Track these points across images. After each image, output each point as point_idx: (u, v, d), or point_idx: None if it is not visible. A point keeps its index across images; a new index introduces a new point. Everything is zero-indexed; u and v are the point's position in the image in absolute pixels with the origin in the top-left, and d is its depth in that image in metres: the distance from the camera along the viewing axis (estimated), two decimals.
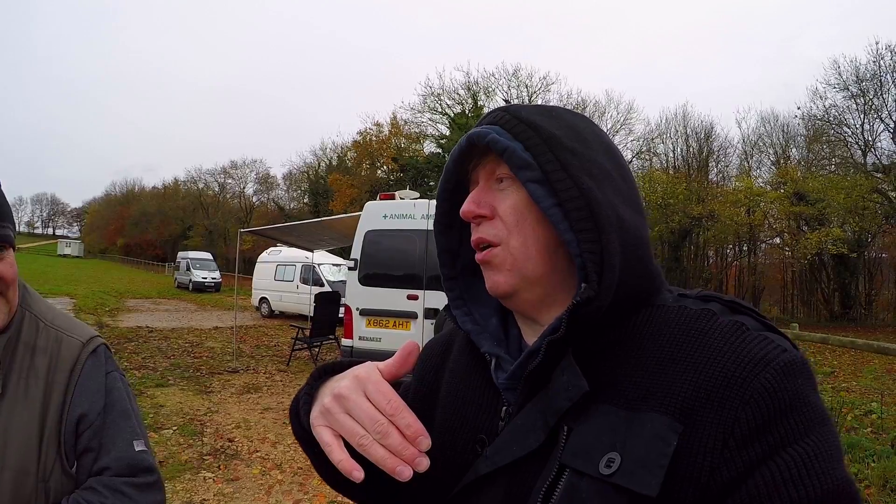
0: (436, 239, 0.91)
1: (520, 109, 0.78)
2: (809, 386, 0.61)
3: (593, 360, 0.69)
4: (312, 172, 49.55)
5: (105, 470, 1.21)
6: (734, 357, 0.61)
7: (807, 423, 0.58)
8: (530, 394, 0.72)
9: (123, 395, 1.32)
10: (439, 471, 0.78)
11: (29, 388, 1.19)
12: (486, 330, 0.85)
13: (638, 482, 0.58)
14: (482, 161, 0.80)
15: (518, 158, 0.73)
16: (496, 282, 0.76)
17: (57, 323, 1.30)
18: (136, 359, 10.48)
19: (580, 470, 0.62)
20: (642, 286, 0.72)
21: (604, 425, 0.64)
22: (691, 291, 0.76)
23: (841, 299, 25.77)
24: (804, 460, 0.56)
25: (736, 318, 0.67)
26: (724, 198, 25.97)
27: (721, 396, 0.59)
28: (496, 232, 0.76)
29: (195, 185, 70.50)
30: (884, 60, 23.42)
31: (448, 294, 0.90)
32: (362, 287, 7.75)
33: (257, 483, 4.99)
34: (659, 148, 32.78)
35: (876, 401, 7.88)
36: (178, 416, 6.90)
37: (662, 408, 0.61)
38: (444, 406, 0.88)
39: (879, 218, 23.54)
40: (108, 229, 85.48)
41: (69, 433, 1.20)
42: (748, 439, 0.57)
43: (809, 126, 27.57)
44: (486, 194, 0.78)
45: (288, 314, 19.38)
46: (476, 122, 0.82)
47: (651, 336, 0.68)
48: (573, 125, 0.77)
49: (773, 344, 0.62)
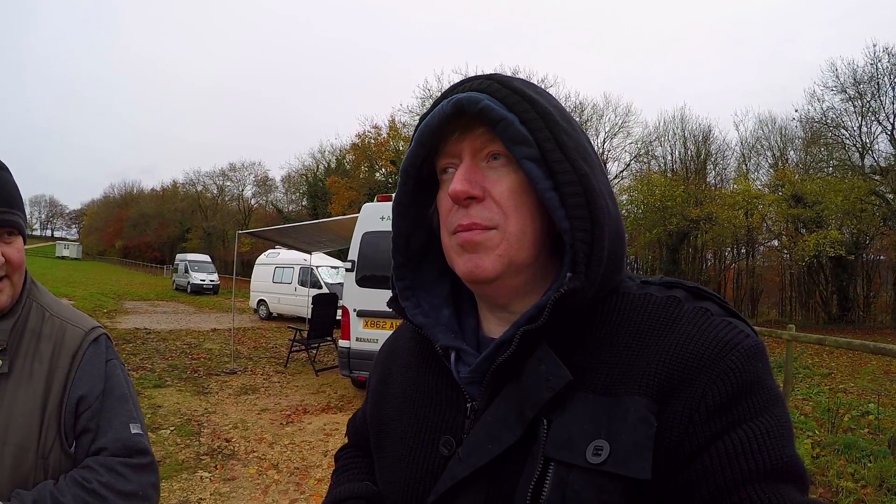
0: (394, 221, 0.82)
1: (508, 78, 0.71)
2: (766, 369, 0.63)
3: (564, 348, 0.68)
4: (311, 175, 49.47)
5: (102, 450, 1.28)
6: (702, 340, 0.63)
7: (764, 403, 0.61)
8: (498, 387, 0.70)
9: (122, 381, 1.39)
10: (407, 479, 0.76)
11: (33, 371, 1.27)
12: (438, 322, 0.80)
13: (631, 467, 0.59)
14: (467, 133, 0.72)
15: (515, 132, 0.67)
16: (480, 265, 0.70)
17: (62, 314, 1.39)
18: (134, 360, 10.46)
19: (567, 462, 0.61)
20: (615, 277, 0.72)
21: (583, 413, 0.63)
22: (654, 278, 0.76)
23: (839, 301, 25.75)
24: (757, 436, 0.58)
25: (700, 304, 0.68)
26: (721, 200, 25.95)
27: (691, 377, 0.61)
28: (491, 215, 0.70)
29: (194, 188, 70.35)
30: (881, 63, 23.44)
31: (398, 284, 0.83)
32: (359, 288, 7.75)
33: (254, 483, 4.98)
34: (657, 150, 32.74)
35: (873, 402, 7.88)
36: (175, 417, 6.90)
37: (639, 390, 0.62)
38: (398, 413, 0.83)
39: (877, 220, 23.53)
40: (106, 231, 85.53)
41: (69, 414, 1.27)
42: (711, 415, 0.60)
43: (807, 129, 27.54)
44: (476, 173, 0.71)
45: (286, 316, 19.36)
46: (450, 89, 0.73)
47: (620, 323, 0.69)
48: (557, 106, 0.73)
49: (737, 329, 0.64)
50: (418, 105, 35.45)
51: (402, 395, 0.84)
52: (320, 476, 5.16)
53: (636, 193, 26.92)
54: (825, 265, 26.21)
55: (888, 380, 10.59)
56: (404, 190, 0.79)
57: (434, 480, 0.72)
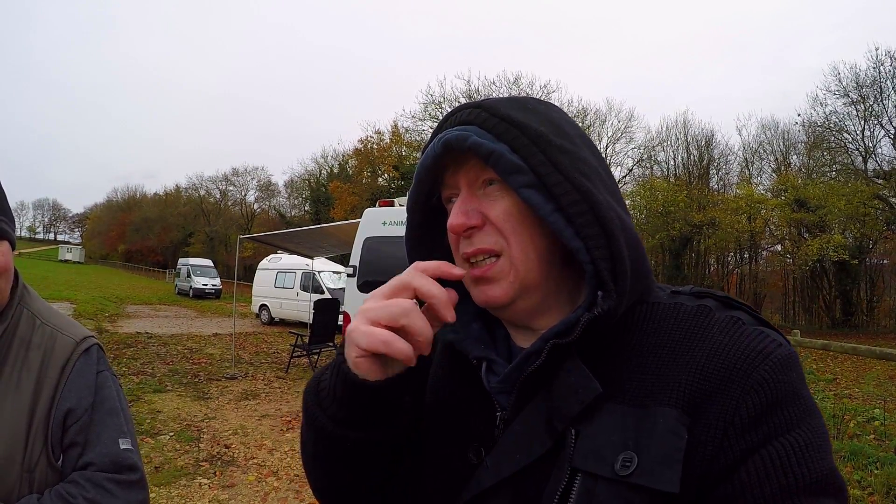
0: (408, 254, 0.85)
1: (496, 105, 0.72)
2: (801, 379, 0.62)
3: (594, 359, 0.67)
4: (314, 180, 49.63)
5: (89, 465, 1.24)
6: (734, 350, 0.62)
7: (799, 415, 0.59)
8: (527, 397, 0.69)
9: (113, 394, 1.35)
10: (435, 486, 0.76)
11: (21, 380, 1.23)
12: (469, 335, 0.80)
13: (659, 480, 0.58)
14: (463, 166, 0.73)
15: (507, 163, 0.67)
16: (492, 295, 0.72)
17: (53, 321, 1.35)
18: (135, 364, 10.46)
19: (594, 473, 0.61)
20: (641, 285, 0.71)
21: (612, 424, 0.63)
22: (684, 288, 0.75)
23: (842, 306, 25.70)
24: (795, 449, 0.57)
25: (731, 313, 0.68)
26: (724, 205, 25.97)
27: (723, 388, 0.60)
28: (493, 240, 0.71)
29: (196, 192, 70.66)
30: (884, 67, 23.49)
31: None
32: (361, 294, 7.72)
33: (253, 490, 4.95)
34: (659, 156, 32.79)
35: (878, 407, 7.84)
36: (174, 422, 6.88)
37: (670, 402, 0.61)
38: (429, 419, 0.83)
39: (880, 224, 23.52)
40: (109, 235, 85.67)
41: (56, 426, 1.24)
42: (746, 428, 0.58)
43: (810, 133, 27.58)
44: (473, 202, 0.72)
45: (288, 321, 19.36)
46: (443, 120, 0.76)
47: (650, 333, 0.68)
48: (550, 118, 0.73)
49: (770, 338, 0.63)
50: (421, 110, 35.66)
51: (434, 399, 0.84)
52: None
53: (639, 199, 26.98)
54: (828, 269, 26.17)
55: (893, 385, 10.55)
56: (412, 225, 0.83)
57: (461, 487, 0.72)
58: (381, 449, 0.74)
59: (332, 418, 0.71)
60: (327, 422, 0.71)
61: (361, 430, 0.70)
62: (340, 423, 0.70)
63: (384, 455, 0.75)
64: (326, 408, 0.71)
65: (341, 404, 0.69)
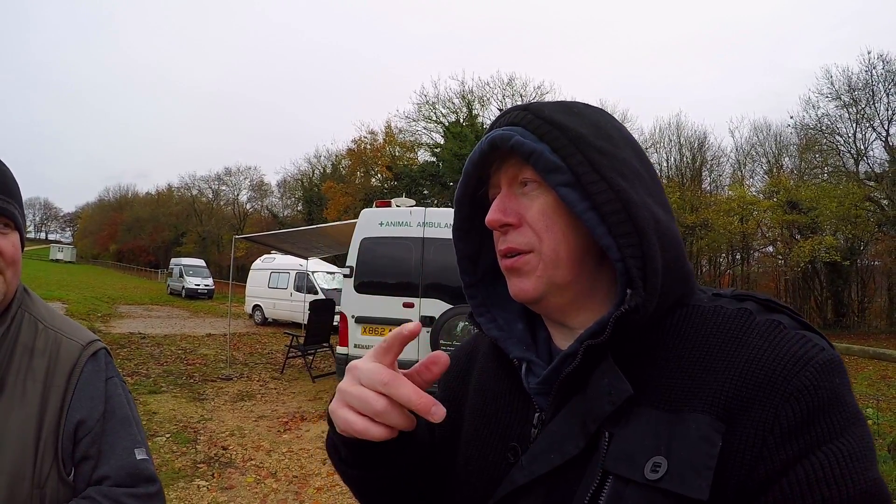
0: (455, 245, 0.88)
1: (542, 108, 0.75)
2: (845, 385, 0.60)
3: (630, 362, 0.68)
4: (306, 180, 49.44)
5: (105, 479, 1.17)
6: (774, 355, 0.60)
7: (843, 423, 0.57)
8: (564, 399, 0.70)
9: (124, 402, 1.29)
10: (472, 482, 0.79)
11: (27, 390, 1.16)
12: (512, 335, 0.83)
13: (688, 486, 0.57)
14: (504, 164, 0.77)
15: (546, 161, 0.70)
16: (522, 288, 0.74)
17: (56, 325, 1.27)
18: (129, 365, 10.38)
19: (625, 476, 0.61)
20: (679, 287, 0.71)
21: (645, 428, 0.63)
22: (725, 291, 0.75)
23: (834, 307, 25.87)
24: (839, 460, 0.55)
25: (772, 316, 0.66)
26: (717, 207, 26.06)
27: (762, 395, 0.59)
28: (526, 240, 0.74)
29: (189, 192, 70.21)
30: (876, 70, 23.64)
31: (470, 301, 0.88)
32: (358, 295, 7.71)
33: (252, 492, 4.93)
34: (652, 157, 32.80)
35: (871, 407, 7.87)
36: (171, 424, 6.84)
37: (705, 408, 0.61)
38: (472, 415, 0.86)
39: (872, 226, 23.65)
40: (100, 235, 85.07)
41: (67, 439, 1.16)
42: (787, 437, 0.57)
43: (802, 135, 27.72)
44: (511, 200, 0.75)
45: (281, 322, 19.30)
46: (493, 122, 0.79)
47: (689, 337, 0.67)
48: (596, 122, 0.74)
49: (812, 343, 0.61)
50: (415, 111, 35.58)
51: (475, 397, 0.87)
52: (319, 485, 5.12)
53: None
54: (820, 271, 26.32)
55: (885, 385, 10.61)
56: (460, 217, 0.86)
57: (498, 485, 0.73)
58: (397, 480, 0.77)
59: (343, 461, 0.77)
60: (339, 462, 0.78)
61: (364, 470, 0.75)
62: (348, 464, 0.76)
63: (406, 480, 0.79)
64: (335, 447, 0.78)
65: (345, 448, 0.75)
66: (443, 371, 0.68)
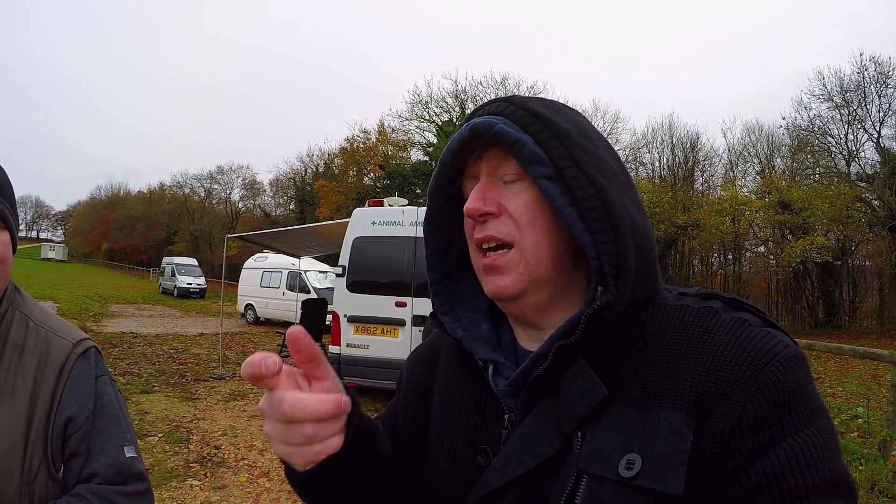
0: (425, 239, 0.85)
1: (524, 100, 0.74)
2: (809, 379, 0.62)
3: (601, 361, 0.68)
4: (299, 179, 49.36)
5: (94, 476, 1.18)
6: (740, 352, 0.62)
7: (807, 415, 0.59)
8: (534, 400, 0.70)
9: (113, 400, 1.29)
10: (442, 485, 0.77)
11: (16, 387, 1.16)
12: (477, 335, 0.82)
13: (662, 482, 0.58)
14: (484, 154, 0.75)
15: (529, 152, 0.69)
16: (501, 286, 0.73)
17: (47, 323, 1.28)
18: (121, 365, 10.33)
19: (599, 475, 0.61)
20: (649, 287, 0.72)
21: (618, 427, 0.63)
22: (690, 290, 0.76)
23: (825, 307, 26.01)
24: (804, 449, 0.57)
25: (738, 314, 0.68)
26: (709, 207, 26.20)
27: (730, 390, 0.60)
28: (507, 230, 0.72)
29: (181, 190, 70.01)
30: (868, 71, 23.75)
31: (435, 300, 0.86)
32: (350, 294, 7.71)
33: (245, 491, 4.92)
34: (645, 157, 32.94)
35: (862, 406, 7.93)
36: (163, 423, 6.81)
37: (675, 404, 0.62)
38: (439, 418, 0.84)
39: (863, 226, 23.80)
40: (92, 233, 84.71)
41: (56, 436, 1.17)
42: (753, 430, 0.59)
43: (794, 136, 27.83)
44: (492, 190, 0.74)
45: (274, 321, 19.25)
46: (473, 112, 0.78)
47: (656, 335, 0.68)
48: (575, 120, 0.75)
49: (776, 339, 0.63)
50: (408, 110, 35.51)
51: (441, 401, 0.85)
52: None
53: None
54: (811, 271, 26.48)
55: (875, 383, 10.69)
56: (433, 209, 0.83)
57: (469, 488, 0.73)
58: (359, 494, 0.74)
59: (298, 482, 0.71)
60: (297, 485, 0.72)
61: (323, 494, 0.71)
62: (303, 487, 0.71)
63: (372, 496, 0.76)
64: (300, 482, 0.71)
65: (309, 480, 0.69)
66: (309, 345, 0.61)
